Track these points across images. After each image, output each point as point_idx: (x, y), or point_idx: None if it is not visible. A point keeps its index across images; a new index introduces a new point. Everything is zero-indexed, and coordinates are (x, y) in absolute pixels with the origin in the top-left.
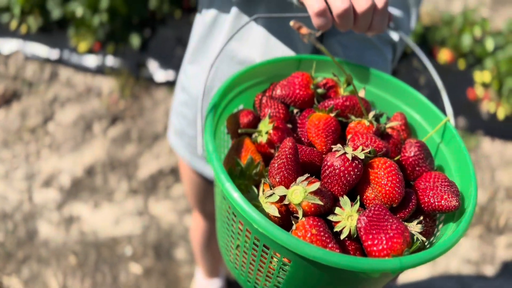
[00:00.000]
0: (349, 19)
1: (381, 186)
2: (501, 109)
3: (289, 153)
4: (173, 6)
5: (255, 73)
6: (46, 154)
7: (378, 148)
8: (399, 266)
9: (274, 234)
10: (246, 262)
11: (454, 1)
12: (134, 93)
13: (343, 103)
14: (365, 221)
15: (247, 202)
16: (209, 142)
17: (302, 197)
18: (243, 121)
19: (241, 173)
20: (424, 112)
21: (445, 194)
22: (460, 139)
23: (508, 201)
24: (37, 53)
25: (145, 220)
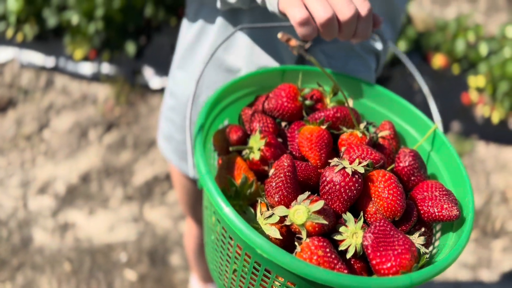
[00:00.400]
0: (333, 28)
1: (382, 199)
2: (496, 113)
3: (288, 171)
4: (169, 14)
5: (239, 86)
6: (41, 161)
7: (375, 160)
8: (409, 282)
9: (279, 258)
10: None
11: (448, 8)
12: (129, 100)
13: (334, 114)
14: (371, 238)
15: (247, 226)
16: (201, 163)
17: (305, 217)
18: (232, 138)
19: (236, 194)
20: (411, 120)
21: (445, 203)
22: (451, 145)
23: (503, 204)
24: (32, 61)
25: (140, 227)
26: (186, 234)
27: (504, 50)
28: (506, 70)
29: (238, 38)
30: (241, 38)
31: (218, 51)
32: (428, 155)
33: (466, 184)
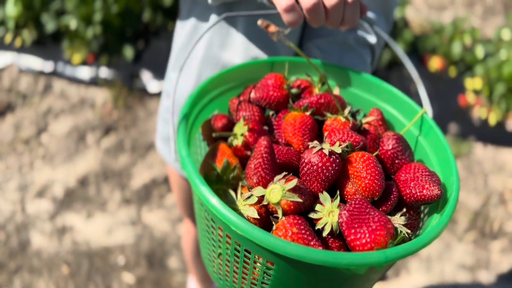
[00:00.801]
0: (319, 14)
1: (361, 179)
2: (493, 114)
3: (265, 152)
4: (167, 19)
5: (228, 77)
6: (39, 165)
7: (355, 142)
8: (384, 259)
9: (253, 235)
10: (230, 271)
11: (445, 12)
12: (127, 104)
13: (317, 100)
14: (346, 215)
15: (224, 205)
16: (182, 147)
17: (280, 195)
18: (217, 125)
19: (217, 178)
20: (400, 106)
21: (426, 183)
22: (439, 130)
23: (501, 206)
24: (31, 65)
25: (138, 230)
26: (183, 236)
27: (500, 52)
28: (503, 72)
29: (234, 35)
30: (237, 35)
31: (214, 49)
32: (416, 139)
33: (452, 166)
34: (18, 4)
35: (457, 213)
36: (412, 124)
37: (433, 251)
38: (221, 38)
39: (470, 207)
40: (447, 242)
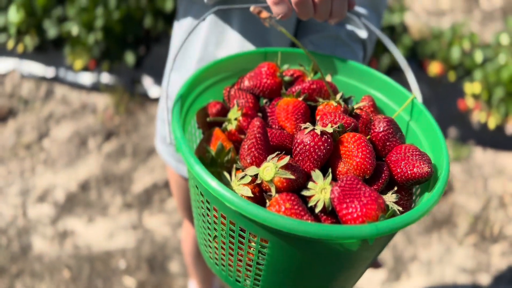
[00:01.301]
0: (307, 7)
1: (352, 158)
2: (492, 118)
3: (258, 133)
4: (167, 25)
5: (222, 67)
6: (41, 169)
7: (346, 123)
8: (376, 231)
9: (247, 209)
10: (226, 254)
11: (444, 18)
12: (128, 109)
13: (309, 86)
14: (338, 191)
15: (218, 182)
16: (177, 129)
17: (273, 172)
18: (211, 111)
19: (212, 161)
20: (390, 93)
21: (417, 162)
22: (429, 113)
23: (501, 209)
24: (33, 71)
25: (139, 234)
26: (183, 238)
27: (499, 57)
28: (501, 76)
29: (229, 33)
30: (232, 33)
31: (210, 47)
32: (408, 124)
33: (442, 147)
34: (20, 11)
35: (457, 216)
36: (403, 109)
37: (434, 255)
38: (216, 36)
39: (470, 211)
40: (448, 246)
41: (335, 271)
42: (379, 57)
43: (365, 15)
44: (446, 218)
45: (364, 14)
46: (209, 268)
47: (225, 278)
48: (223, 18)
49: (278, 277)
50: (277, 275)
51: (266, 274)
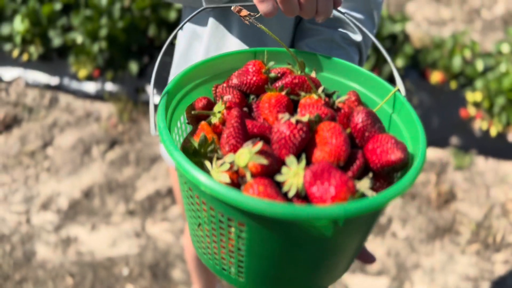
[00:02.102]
0: (292, 4)
1: (327, 145)
2: (493, 127)
3: (235, 121)
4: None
5: (213, 66)
6: (44, 177)
7: (323, 113)
8: (343, 212)
9: (218, 191)
10: (210, 241)
11: (445, 28)
12: (132, 117)
13: (292, 81)
14: (309, 174)
15: (195, 167)
16: (160, 120)
17: (247, 158)
18: (197, 105)
19: (194, 151)
20: (375, 88)
21: (391, 149)
22: (410, 105)
23: (504, 217)
24: (37, 80)
25: (142, 241)
26: (186, 242)
27: (500, 66)
28: (502, 84)
29: (229, 38)
30: (232, 38)
31: (211, 52)
32: (390, 116)
33: (419, 136)
34: (25, 20)
35: (459, 224)
36: (385, 102)
37: (437, 262)
38: (217, 41)
39: (473, 219)
40: (450, 254)
41: (315, 258)
42: (380, 66)
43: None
44: (449, 226)
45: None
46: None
47: (212, 267)
48: (223, 23)
49: (260, 262)
50: (258, 260)
51: (248, 260)
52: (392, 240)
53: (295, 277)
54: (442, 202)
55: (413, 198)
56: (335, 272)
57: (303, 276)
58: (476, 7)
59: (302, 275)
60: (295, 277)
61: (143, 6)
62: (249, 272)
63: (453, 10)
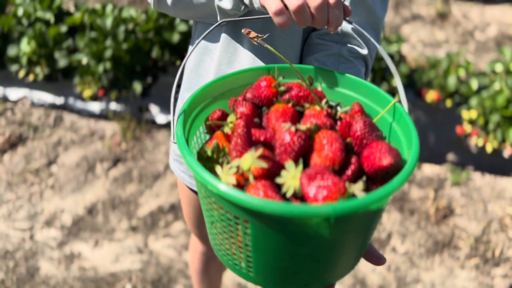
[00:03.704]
0: (305, 15)
1: (323, 151)
2: (489, 143)
3: (242, 131)
4: (174, 55)
5: (229, 81)
6: (49, 194)
7: (322, 123)
8: (332, 210)
9: (222, 190)
10: (223, 238)
11: (439, 49)
12: (136, 136)
13: (297, 94)
14: (305, 177)
15: (204, 170)
16: (179, 129)
17: (250, 162)
18: (212, 117)
19: (208, 157)
20: (377, 99)
21: (383, 155)
22: (407, 115)
23: (502, 232)
24: (43, 99)
25: (145, 257)
26: (190, 252)
27: (494, 84)
28: (497, 102)
29: (240, 52)
30: (244, 52)
31: (223, 66)
32: (391, 126)
33: (413, 142)
34: (32, 42)
35: (458, 239)
36: (385, 112)
37: (436, 277)
38: (229, 56)
39: (472, 234)
40: (450, 268)
41: (315, 253)
42: (378, 84)
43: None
44: (448, 241)
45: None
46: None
47: (226, 263)
48: (235, 38)
49: (265, 257)
50: (263, 255)
51: (255, 255)
52: (392, 255)
53: (300, 271)
54: (441, 217)
55: (412, 214)
56: (340, 268)
57: (307, 271)
58: (470, 29)
59: (306, 269)
60: (300, 271)
61: (146, 28)
62: (257, 266)
63: (447, 32)
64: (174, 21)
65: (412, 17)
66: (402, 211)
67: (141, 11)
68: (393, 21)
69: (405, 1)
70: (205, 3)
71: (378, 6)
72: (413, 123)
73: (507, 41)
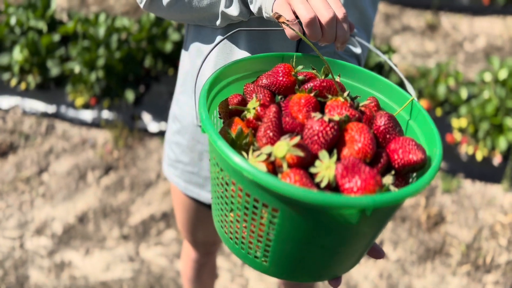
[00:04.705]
0: (316, 28)
1: (355, 143)
2: (479, 151)
3: (273, 116)
4: (167, 65)
5: (243, 66)
6: (39, 203)
7: (351, 114)
8: (372, 202)
9: (261, 177)
10: (240, 227)
11: (429, 60)
12: (128, 144)
13: (320, 84)
14: (341, 167)
15: (238, 155)
16: (203, 112)
17: (285, 150)
18: (232, 101)
19: (232, 142)
20: (392, 95)
21: (412, 150)
22: (426, 112)
23: (493, 239)
24: (35, 108)
25: (136, 265)
26: (182, 258)
27: (483, 93)
28: (486, 110)
29: (236, 53)
30: (240, 53)
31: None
32: (407, 123)
33: (436, 139)
34: (24, 51)
35: (450, 246)
36: (403, 109)
37: (428, 284)
38: (225, 57)
39: (463, 241)
40: (442, 275)
41: (337, 244)
42: None
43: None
44: (439, 248)
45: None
46: None
47: (237, 252)
48: (230, 39)
49: (286, 247)
50: (284, 245)
51: (275, 244)
52: (384, 262)
53: (314, 262)
54: (432, 224)
55: (404, 221)
56: (351, 261)
57: (322, 262)
58: (459, 40)
59: (321, 261)
60: (315, 262)
61: (139, 38)
62: (274, 256)
63: (437, 43)
64: (167, 31)
65: (403, 28)
66: (393, 219)
67: (134, 21)
68: (384, 32)
69: (395, 13)
70: (206, 8)
71: (369, 7)
72: (431, 119)
73: (495, 51)
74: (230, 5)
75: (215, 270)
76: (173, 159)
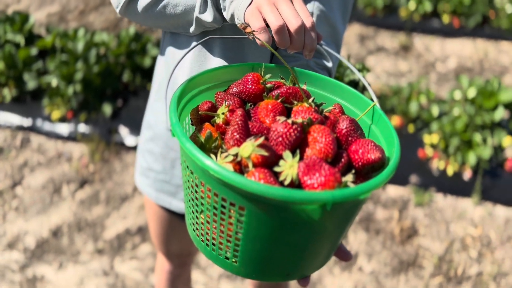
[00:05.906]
0: (285, 36)
1: (317, 144)
2: (450, 166)
3: (240, 120)
4: (145, 80)
5: (214, 76)
6: (12, 216)
7: (314, 118)
8: (331, 197)
9: (226, 175)
10: (210, 228)
11: (403, 79)
12: (104, 157)
13: (286, 91)
14: (303, 166)
15: (205, 155)
16: (173, 116)
17: (250, 150)
18: (203, 108)
19: (201, 146)
20: (356, 102)
21: (371, 150)
22: (386, 118)
23: (464, 251)
24: (10, 121)
25: (111, 279)
26: (157, 272)
27: (453, 110)
28: (456, 127)
29: (211, 61)
30: (214, 61)
31: None
32: (369, 127)
33: (395, 142)
34: (0, 63)
35: (422, 258)
36: (365, 114)
37: None
38: (199, 65)
39: (435, 253)
40: (415, 287)
41: (302, 241)
42: None
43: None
44: (412, 260)
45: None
46: None
47: (209, 254)
48: (205, 47)
49: (254, 246)
50: (253, 243)
51: (244, 243)
52: (358, 275)
53: (284, 260)
54: (405, 237)
55: (378, 234)
56: (318, 260)
57: (291, 260)
58: (431, 61)
59: (289, 259)
60: (284, 260)
61: (118, 53)
62: (243, 256)
63: (410, 63)
64: (146, 46)
65: (377, 49)
66: (368, 231)
67: (113, 36)
68: (359, 53)
69: (370, 34)
70: (180, 14)
71: (339, 22)
72: (391, 124)
73: (465, 72)
74: (205, 11)
75: (190, 283)
76: (145, 167)
